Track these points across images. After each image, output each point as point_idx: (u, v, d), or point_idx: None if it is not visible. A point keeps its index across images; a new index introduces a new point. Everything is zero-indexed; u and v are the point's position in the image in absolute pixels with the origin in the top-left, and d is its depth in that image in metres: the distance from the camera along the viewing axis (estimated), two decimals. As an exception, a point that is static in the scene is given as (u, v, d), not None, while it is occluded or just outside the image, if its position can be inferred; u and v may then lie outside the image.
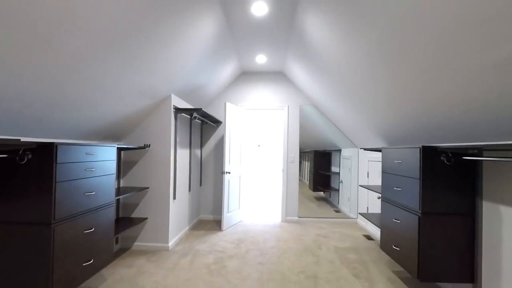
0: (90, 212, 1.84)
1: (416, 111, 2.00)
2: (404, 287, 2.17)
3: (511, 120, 1.38)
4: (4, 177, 1.54)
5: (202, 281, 2.24)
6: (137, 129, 2.95)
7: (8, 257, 1.52)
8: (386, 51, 1.71)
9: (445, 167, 1.82)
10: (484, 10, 1.02)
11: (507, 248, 1.61)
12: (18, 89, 1.40)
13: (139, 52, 1.90)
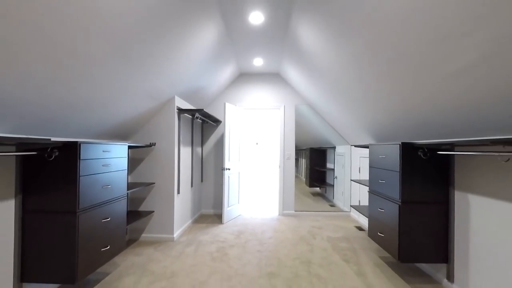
0: (106, 203, 2.06)
1: (399, 111, 2.23)
2: (388, 269, 2.41)
3: (478, 120, 1.61)
4: (35, 172, 1.76)
5: (206, 266, 2.47)
6: (143, 128, 3.16)
7: (41, 241, 1.74)
8: (371, 58, 1.94)
9: (422, 161, 2.06)
10: (443, 30, 1.25)
11: (474, 231, 1.86)
12: (44, 94, 1.61)
13: (147, 58, 2.11)
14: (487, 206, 1.75)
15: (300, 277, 2.28)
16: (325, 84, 3.15)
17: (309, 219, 4.13)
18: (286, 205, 4.42)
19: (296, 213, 4.41)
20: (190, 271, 2.37)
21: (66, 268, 1.73)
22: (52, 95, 1.64)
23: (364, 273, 2.34)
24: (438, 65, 1.45)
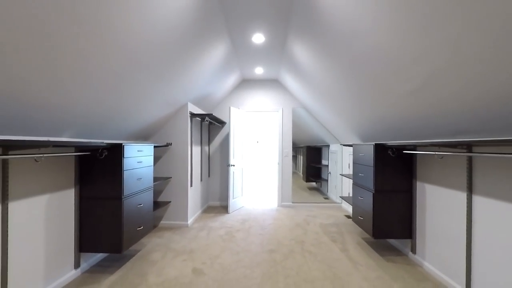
0: (140, 192, 2.58)
1: (375, 117, 2.75)
2: (367, 246, 2.95)
3: (433, 126, 2.13)
4: (89, 167, 2.28)
5: (217, 245, 3.00)
6: (161, 130, 3.67)
7: (96, 220, 2.27)
8: (353, 74, 2.45)
9: (391, 158, 2.59)
10: (400, 63, 1.77)
11: (429, 213, 2.38)
12: (91, 109, 2.12)
13: (167, 72, 2.60)
14: (436, 193, 2.28)
15: (295, 252, 2.81)
16: (318, 92, 3.66)
17: (305, 210, 4.67)
18: (284, 198, 4.95)
19: (293, 205, 4.94)
20: (205, 249, 2.90)
21: (114, 240, 2.26)
22: (96, 109, 2.16)
23: (347, 249, 2.88)
24: (398, 86, 1.97)
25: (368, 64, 2.04)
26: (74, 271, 2.26)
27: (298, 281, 2.22)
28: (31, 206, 1.85)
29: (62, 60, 1.45)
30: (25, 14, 1.13)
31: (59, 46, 1.37)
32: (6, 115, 1.49)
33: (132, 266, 2.48)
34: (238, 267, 2.48)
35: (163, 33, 2.02)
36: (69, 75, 1.58)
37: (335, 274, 2.33)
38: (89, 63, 1.63)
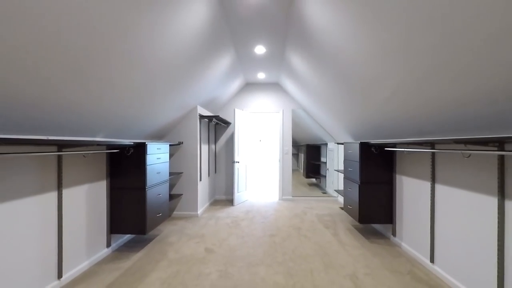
0: (159, 184, 3.03)
1: (362, 118, 3.15)
2: (355, 231, 3.37)
3: (403, 127, 2.53)
4: (119, 163, 2.73)
5: (225, 231, 3.44)
6: (173, 130, 4.11)
7: (124, 206, 2.72)
8: (343, 81, 2.87)
9: (374, 154, 3.00)
10: (376, 74, 2.18)
11: (405, 201, 2.79)
12: (115, 114, 2.56)
13: (180, 81, 3.01)
14: (411, 183, 2.69)
15: (292, 236, 3.24)
16: (314, 95, 4.07)
17: (303, 202, 5.09)
18: (285, 192, 5.38)
19: (293, 198, 5.37)
20: (214, 233, 3.35)
21: (140, 224, 2.70)
22: (123, 114, 2.60)
23: (337, 234, 3.30)
24: (377, 93, 2.37)
25: (351, 75, 2.45)
26: (106, 249, 2.71)
27: (293, 257, 2.65)
28: (77, 193, 2.30)
29: (98, 80, 1.89)
30: (71, 44, 1.57)
31: (100, 69, 1.81)
32: (60, 121, 1.93)
33: (153, 246, 2.93)
34: (243, 247, 2.92)
35: (178, 50, 2.44)
36: (102, 90, 2.02)
37: (325, 252, 2.76)
38: (118, 79, 2.07)
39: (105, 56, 1.70)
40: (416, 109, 2.04)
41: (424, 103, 1.90)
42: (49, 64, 1.43)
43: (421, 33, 1.41)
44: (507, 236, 1.63)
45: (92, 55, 1.61)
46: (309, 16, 2.28)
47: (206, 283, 2.17)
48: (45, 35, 1.28)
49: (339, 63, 2.48)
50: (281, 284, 2.15)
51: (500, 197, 1.65)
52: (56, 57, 1.43)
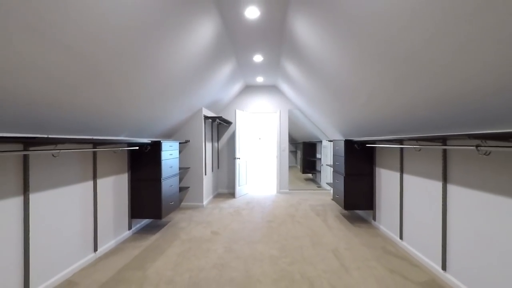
0: (171, 177, 3.50)
1: (347, 118, 3.62)
2: (343, 218, 3.84)
3: (385, 127, 3.00)
4: (138, 158, 3.20)
5: (228, 218, 3.92)
6: (181, 130, 4.58)
7: (143, 195, 3.20)
8: (329, 90, 3.33)
9: (357, 150, 3.47)
10: (353, 84, 2.65)
11: (383, 190, 3.26)
12: (135, 117, 3.03)
13: (188, 87, 3.48)
14: (387, 175, 3.16)
15: (287, 222, 3.72)
16: (307, 98, 4.53)
17: (299, 195, 5.57)
18: (282, 185, 5.86)
19: (290, 191, 5.85)
20: (219, 220, 3.83)
21: (156, 210, 3.18)
22: (140, 117, 3.07)
23: (326, 220, 3.78)
24: (356, 98, 2.84)
25: (336, 82, 2.92)
26: (128, 231, 3.19)
27: (287, 237, 3.13)
28: (106, 183, 2.78)
29: (124, 91, 2.36)
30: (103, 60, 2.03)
31: (126, 83, 2.28)
32: (94, 123, 2.40)
33: (167, 230, 3.41)
34: (244, 230, 3.40)
35: (188, 64, 2.90)
36: (125, 97, 2.49)
37: (314, 233, 3.24)
38: (138, 89, 2.53)
39: (132, 73, 2.17)
40: (387, 112, 2.51)
41: (393, 108, 2.36)
42: (91, 83, 1.89)
43: (388, 51, 1.87)
44: (449, 211, 2.10)
45: (122, 73, 2.08)
46: (299, 33, 2.73)
47: (214, 255, 2.65)
48: (92, 62, 1.74)
49: (326, 72, 2.94)
50: (276, 256, 2.63)
51: (444, 182, 2.13)
52: (97, 78, 1.89)
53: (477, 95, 1.44)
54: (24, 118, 1.69)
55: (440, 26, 1.26)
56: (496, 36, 1.10)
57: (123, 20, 1.62)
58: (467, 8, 1.10)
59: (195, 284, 2.12)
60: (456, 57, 1.34)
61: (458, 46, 1.28)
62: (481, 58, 1.24)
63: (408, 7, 1.32)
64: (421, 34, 1.39)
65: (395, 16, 1.44)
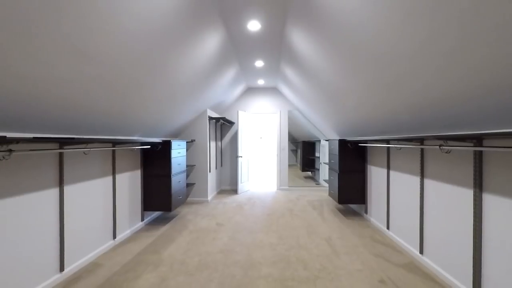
0: (179, 173, 3.82)
1: (342, 119, 3.92)
2: (337, 212, 4.15)
3: (374, 128, 3.29)
4: (150, 157, 3.52)
5: (231, 212, 4.24)
6: (187, 130, 4.90)
7: (154, 190, 3.52)
8: (324, 91, 3.63)
9: (350, 149, 3.77)
10: (343, 88, 2.95)
11: (374, 185, 3.56)
12: (147, 119, 3.34)
13: (195, 91, 3.80)
14: (377, 171, 3.46)
15: (285, 215, 4.03)
16: (305, 100, 4.83)
17: (298, 191, 5.88)
18: (282, 182, 6.17)
19: (289, 188, 6.16)
20: (223, 213, 4.14)
21: (166, 203, 3.50)
22: (152, 117, 3.39)
23: (322, 213, 4.09)
24: (347, 102, 3.14)
25: (330, 87, 3.22)
26: (140, 223, 3.52)
27: (285, 227, 3.45)
28: (123, 179, 3.10)
29: (140, 96, 2.67)
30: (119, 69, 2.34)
31: (141, 89, 2.59)
32: (114, 125, 2.72)
33: (176, 222, 3.73)
34: (246, 222, 3.71)
35: (195, 71, 3.21)
36: (138, 102, 2.80)
37: (309, 224, 3.55)
38: (150, 93, 2.85)
39: (145, 80, 2.49)
40: (374, 115, 2.81)
41: (379, 111, 2.67)
42: (111, 91, 2.21)
43: (372, 64, 2.18)
44: (425, 202, 2.40)
45: (136, 81, 2.39)
46: (296, 43, 3.03)
47: (220, 243, 2.97)
48: (115, 72, 2.06)
49: (320, 77, 3.24)
50: (275, 243, 2.94)
51: (421, 177, 2.43)
52: (116, 86, 2.21)
53: (443, 104, 1.75)
54: (59, 122, 2.00)
55: (415, 45, 1.56)
56: (458, 58, 1.41)
57: (139, 35, 1.93)
58: (434, 27, 1.41)
59: (204, 265, 2.44)
60: (427, 71, 1.64)
61: (428, 64, 1.58)
62: (447, 75, 1.54)
63: (388, 28, 1.62)
64: (400, 51, 1.70)
65: (377, 34, 1.74)
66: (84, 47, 1.55)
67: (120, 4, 1.52)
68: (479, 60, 1.26)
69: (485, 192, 1.74)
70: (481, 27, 1.12)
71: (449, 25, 1.23)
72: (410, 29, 1.44)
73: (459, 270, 1.98)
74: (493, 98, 1.39)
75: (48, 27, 1.29)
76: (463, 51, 1.29)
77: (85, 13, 1.39)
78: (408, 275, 2.23)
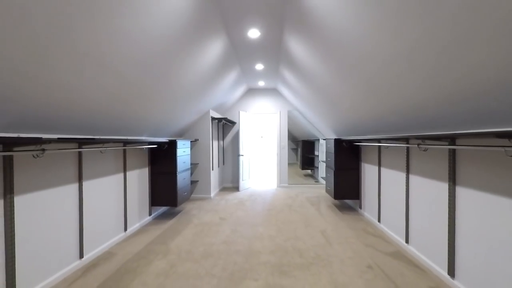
0: (184, 171, 4.06)
1: (339, 120, 4.14)
2: (334, 207, 4.38)
3: (366, 128, 3.51)
4: (157, 155, 3.76)
5: (233, 207, 4.48)
6: (190, 130, 5.13)
7: (160, 186, 3.76)
8: (320, 94, 3.85)
9: (345, 147, 4.00)
10: (337, 92, 3.17)
11: (367, 181, 3.79)
12: (154, 120, 3.58)
13: (198, 93, 4.04)
14: (370, 168, 3.68)
15: (284, 210, 4.27)
16: (304, 100, 5.05)
17: (297, 189, 6.11)
18: (282, 180, 6.40)
19: (289, 185, 6.39)
20: (225, 209, 4.38)
21: (172, 198, 3.74)
22: (159, 118, 3.63)
23: (319, 209, 4.32)
24: (340, 105, 3.36)
25: (325, 90, 3.44)
26: (148, 217, 3.76)
27: (283, 222, 3.68)
28: (133, 176, 3.34)
29: (150, 100, 2.91)
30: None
31: (152, 92, 2.83)
32: (124, 126, 2.96)
33: (181, 216, 3.97)
34: (247, 217, 3.95)
35: (199, 73, 3.44)
36: (148, 105, 3.04)
37: (307, 218, 3.79)
38: (157, 97, 3.08)
39: (154, 84, 2.72)
40: (365, 116, 3.03)
41: (369, 113, 2.89)
42: (125, 95, 2.45)
43: (358, 70, 2.40)
44: (410, 196, 2.62)
45: (147, 86, 2.63)
46: (293, 49, 3.25)
47: (223, 235, 3.21)
48: (128, 80, 2.29)
49: (316, 81, 3.46)
50: (274, 235, 3.18)
51: (407, 173, 2.66)
52: (129, 91, 2.45)
53: (423, 108, 1.97)
54: (80, 124, 2.24)
55: (392, 57, 1.79)
56: (438, 64, 1.63)
57: (151, 48, 2.17)
58: (414, 32, 1.63)
59: (209, 254, 2.68)
60: (406, 78, 1.86)
61: (406, 72, 1.80)
62: (424, 80, 1.77)
63: (374, 42, 1.85)
64: (380, 60, 1.92)
65: (363, 46, 1.97)
66: (107, 62, 1.79)
67: (136, 24, 1.76)
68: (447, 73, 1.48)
69: (458, 185, 1.97)
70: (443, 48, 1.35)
71: (419, 44, 1.45)
72: (389, 46, 1.66)
73: (437, 255, 2.21)
74: (466, 103, 1.61)
75: (87, 47, 1.53)
76: (437, 66, 1.51)
77: (116, 38, 1.62)
78: (394, 261, 2.46)
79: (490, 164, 1.71)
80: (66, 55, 1.52)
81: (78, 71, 1.68)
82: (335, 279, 2.18)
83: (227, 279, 2.21)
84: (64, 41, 1.44)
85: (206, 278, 2.22)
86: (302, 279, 2.19)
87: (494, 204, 1.68)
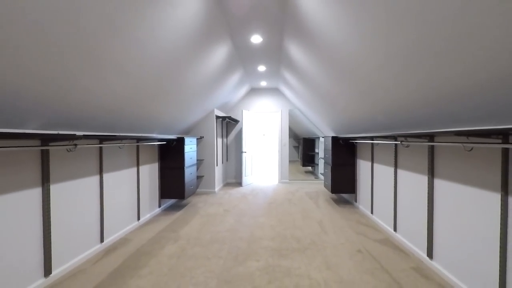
0: (191, 166, 4.34)
1: (337, 119, 4.40)
2: (331, 201, 4.65)
3: (360, 126, 3.77)
4: (166, 151, 4.05)
5: (236, 201, 4.77)
6: (196, 127, 5.41)
7: (169, 180, 4.05)
8: (317, 94, 4.11)
9: (342, 145, 4.26)
10: (334, 92, 3.43)
11: (361, 176, 4.05)
12: (164, 119, 3.86)
13: (204, 92, 4.32)
14: (364, 164, 3.94)
15: (284, 204, 4.54)
16: (304, 100, 5.31)
17: (298, 184, 6.39)
18: (283, 176, 6.67)
19: (290, 181, 6.66)
20: (229, 202, 4.67)
21: (180, 191, 4.03)
22: (168, 117, 3.91)
23: (317, 202, 4.59)
24: (336, 105, 3.62)
25: (322, 91, 3.70)
26: (158, 208, 4.06)
27: (283, 213, 3.96)
28: (144, 170, 3.63)
29: (159, 99, 3.19)
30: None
31: (164, 94, 3.11)
32: (139, 124, 3.24)
33: (188, 209, 4.27)
34: (249, 209, 4.23)
35: (206, 76, 3.71)
36: (159, 105, 3.32)
37: (305, 211, 4.06)
38: (168, 97, 3.36)
39: (164, 86, 3.00)
40: (358, 116, 3.29)
41: (362, 113, 3.15)
42: (139, 96, 2.73)
43: (348, 75, 2.66)
44: (398, 188, 2.89)
45: (160, 89, 2.91)
46: (293, 53, 3.51)
47: (227, 224, 3.49)
48: (142, 82, 2.57)
49: (314, 83, 3.72)
50: (274, 225, 3.46)
51: (395, 167, 2.92)
52: (143, 92, 2.72)
53: (405, 108, 2.23)
54: (101, 122, 2.53)
55: (383, 62, 2.05)
56: (425, 68, 1.89)
57: (161, 56, 2.44)
58: (400, 40, 1.89)
59: (215, 240, 2.97)
60: (394, 80, 2.13)
61: (394, 75, 2.07)
62: (413, 82, 2.03)
63: (366, 49, 2.11)
64: (371, 64, 2.18)
65: (354, 52, 2.23)
66: (129, 69, 2.07)
67: (153, 42, 2.03)
68: (423, 77, 1.74)
69: (436, 177, 2.23)
70: (424, 54, 1.61)
71: (397, 55, 1.72)
72: (378, 53, 1.92)
73: (418, 240, 2.47)
74: (443, 106, 1.87)
75: (108, 57, 1.81)
76: (419, 75, 1.77)
77: (131, 47, 1.90)
78: (382, 247, 2.73)
79: (457, 158, 1.97)
80: (95, 66, 1.81)
81: (100, 77, 1.96)
82: (328, 260, 2.46)
83: (232, 260, 2.50)
84: (99, 54, 1.72)
85: (213, 259, 2.50)
86: (298, 260, 2.47)
87: (463, 193, 1.94)
